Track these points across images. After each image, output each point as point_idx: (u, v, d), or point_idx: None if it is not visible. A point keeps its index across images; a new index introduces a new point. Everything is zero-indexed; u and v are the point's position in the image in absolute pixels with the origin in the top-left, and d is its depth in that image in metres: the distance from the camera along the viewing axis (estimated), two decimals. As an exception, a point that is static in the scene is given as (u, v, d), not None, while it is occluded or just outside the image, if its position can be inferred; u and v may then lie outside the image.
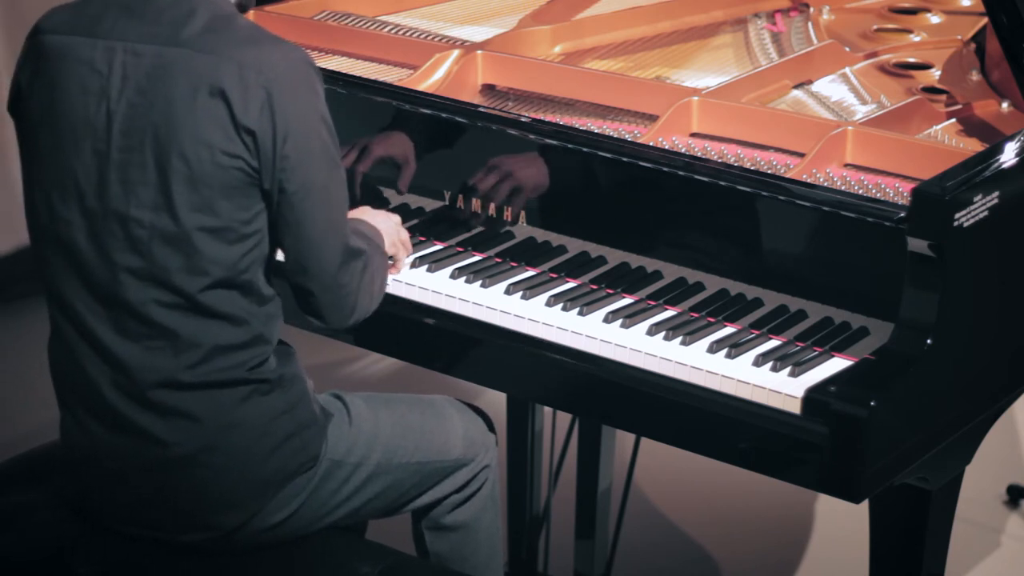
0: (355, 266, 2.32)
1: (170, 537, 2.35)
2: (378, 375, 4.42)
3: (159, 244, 2.22)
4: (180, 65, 2.19)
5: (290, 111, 2.20)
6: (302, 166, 2.22)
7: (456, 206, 2.67)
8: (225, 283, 2.24)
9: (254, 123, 2.18)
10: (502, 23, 3.10)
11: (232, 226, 2.22)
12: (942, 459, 2.38)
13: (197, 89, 2.18)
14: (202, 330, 2.25)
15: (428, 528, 2.58)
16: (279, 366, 2.33)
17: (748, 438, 2.27)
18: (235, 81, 2.18)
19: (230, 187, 2.20)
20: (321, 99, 2.26)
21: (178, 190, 2.19)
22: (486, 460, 2.58)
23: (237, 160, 2.19)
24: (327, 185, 2.26)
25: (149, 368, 2.26)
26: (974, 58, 2.94)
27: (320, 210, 2.26)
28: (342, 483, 2.41)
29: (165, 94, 2.19)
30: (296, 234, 2.26)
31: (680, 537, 3.72)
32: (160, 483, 2.31)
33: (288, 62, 2.21)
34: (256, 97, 2.18)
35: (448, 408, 2.58)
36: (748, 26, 3.11)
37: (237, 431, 2.29)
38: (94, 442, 2.33)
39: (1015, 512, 3.81)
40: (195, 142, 2.18)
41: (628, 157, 2.50)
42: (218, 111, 2.18)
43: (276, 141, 2.20)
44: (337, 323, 2.35)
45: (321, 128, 2.25)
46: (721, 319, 2.42)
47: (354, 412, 2.46)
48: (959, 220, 2.24)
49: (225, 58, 2.19)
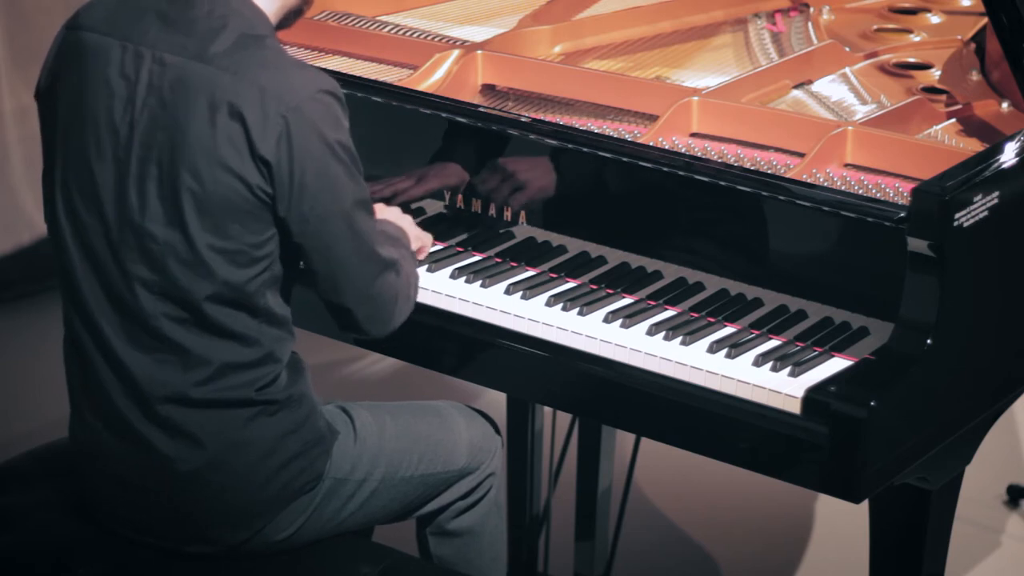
0: (388, 276, 2.30)
1: (173, 546, 2.35)
2: (378, 375, 4.42)
3: (171, 259, 2.21)
4: (202, 81, 2.18)
5: (309, 143, 2.18)
6: (323, 194, 2.20)
7: (456, 206, 2.67)
8: (235, 303, 2.23)
9: (270, 153, 2.17)
10: (502, 23, 3.10)
11: (243, 249, 2.21)
12: (942, 459, 2.38)
13: (216, 108, 2.16)
14: (212, 347, 2.24)
15: (432, 533, 2.58)
16: (288, 385, 2.31)
17: (748, 438, 2.27)
18: (255, 106, 2.16)
19: (241, 211, 2.19)
20: (343, 129, 2.23)
21: (189, 207, 2.18)
22: (491, 467, 2.57)
23: (249, 185, 2.18)
24: (350, 211, 2.24)
25: (158, 382, 2.26)
26: (974, 58, 2.94)
27: (345, 234, 2.24)
28: (346, 500, 2.40)
29: (184, 109, 2.18)
30: (325, 257, 2.24)
31: (680, 537, 3.72)
32: (164, 495, 2.30)
33: (310, 91, 2.19)
34: (274, 126, 2.16)
35: (454, 415, 2.57)
36: (748, 26, 3.11)
37: (243, 451, 2.28)
38: (101, 445, 2.33)
39: (1015, 512, 3.81)
40: (209, 161, 2.17)
41: (628, 157, 2.50)
42: (234, 134, 2.16)
43: (294, 172, 2.18)
44: (379, 333, 2.33)
45: (342, 156, 2.22)
46: (721, 319, 2.42)
47: (359, 427, 2.44)
48: (959, 220, 2.24)
49: (247, 81, 2.17)
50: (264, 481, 2.30)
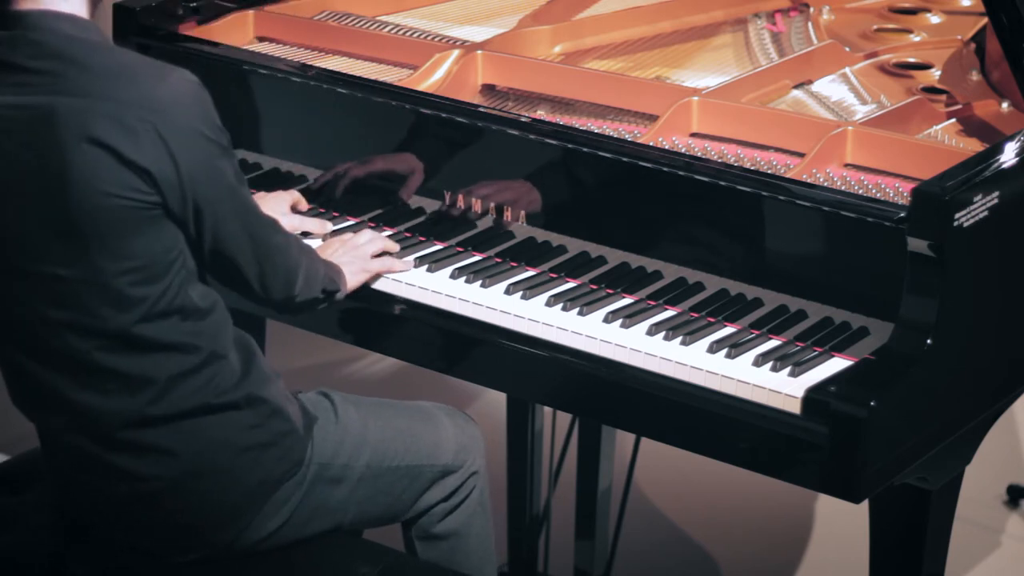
0: (277, 239, 2.31)
1: (165, 556, 2.35)
2: (378, 375, 4.42)
3: (86, 295, 2.19)
4: (58, 113, 2.13)
5: (183, 139, 2.15)
6: (208, 182, 2.19)
7: (456, 206, 2.67)
8: (161, 314, 2.22)
9: (148, 162, 2.14)
10: (502, 23, 3.10)
11: (154, 261, 2.19)
12: (942, 459, 2.38)
13: (81, 135, 2.12)
14: (152, 364, 2.23)
15: (419, 538, 2.57)
16: (243, 377, 2.30)
17: (748, 438, 2.27)
18: (119, 121, 2.12)
19: (139, 225, 2.16)
20: (209, 111, 2.19)
21: (89, 237, 2.15)
22: (474, 467, 2.57)
23: (137, 199, 2.15)
24: (234, 186, 2.24)
25: (112, 412, 2.24)
26: (974, 58, 2.94)
27: (235, 208, 2.24)
28: (332, 485, 2.40)
29: (50, 145, 2.13)
30: (219, 236, 2.24)
31: (680, 537, 3.72)
32: (145, 511, 2.30)
33: (167, 89, 2.16)
34: (145, 135, 2.13)
35: (437, 413, 2.58)
36: (748, 26, 3.11)
37: (216, 453, 2.28)
38: (73, 479, 2.33)
39: (1015, 512, 3.81)
40: (90, 189, 2.13)
41: (628, 157, 2.50)
42: (106, 154, 2.13)
43: (180, 171, 2.16)
44: (278, 295, 2.33)
45: (214, 138, 2.20)
46: (721, 319, 2.42)
47: (341, 411, 2.45)
48: (959, 220, 2.24)
49: (102, 98, 2.13)
50: (242, 476, 2.30)
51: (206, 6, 3.04)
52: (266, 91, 2.85)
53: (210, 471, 2.28)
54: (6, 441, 3.74)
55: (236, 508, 2.31)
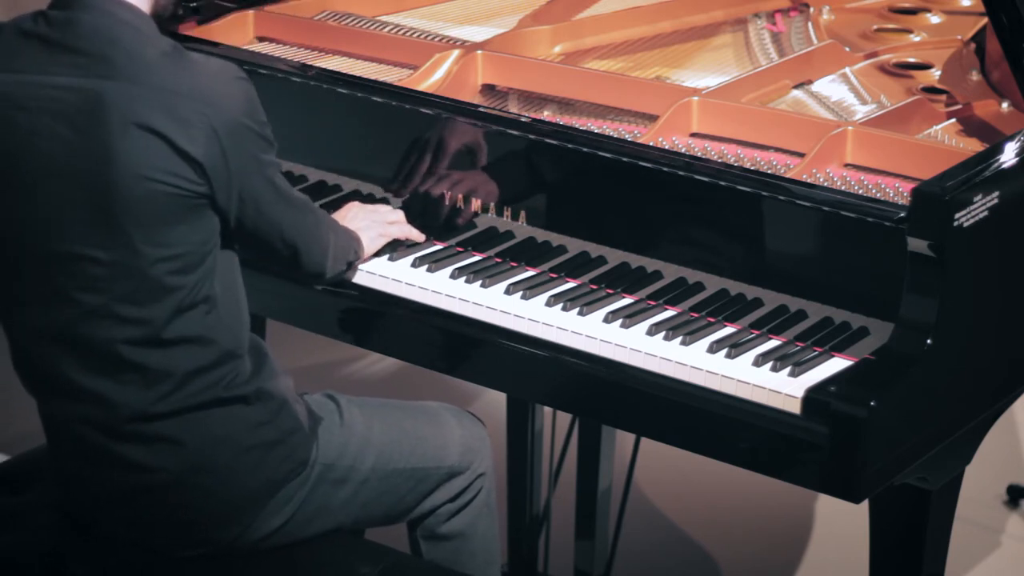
0: (311, 217, 2.40)
1: (167, 551, 2.35)
2: (378, 375, 4.42)
3: (122, 280, 2.19)
4: (111, 98, 2.15)
5: (236, 135, 2.20)
6: (253, 175, 2.24)
7: (456, 206, 2.67)
8: (188, 306, 2.23)
9: (200, 154, 2.16)
10: (502, 23, 3.10)
11: (191, 250, 2.21)
12: (942, 459, 2.38)
13: (133, 122, 2.14)
14: (172, 359, 2.24)
15: (424, 538, 2.57)
16: (253, 374, 2.31)
17: (748, 438, 2.27)
18: (173, 112, 2.14)
19: (183, 213, 2.18)
20: (257, 107, 2.25)
21: (129, 225, 2.16)
22: (481, 468, 2.57)
23: (185, 188, 2.17)
24: (271, 177, 2.29)
25: (124, 404, 2.25)
26: (974, 58, 2.94)
27: (274, 196, 2.30)
28: (336, 486, 2.40)
29: (99, 129, 2.15)
30: (265, 224, 2.31)
31: (680, 537, 3.72)
32: (149, 506, 2.30)
33: (223, 83, 2.20)
34: (199, 127, 2.16)
35: (444, 414, 2.57)
36: (748, 26, 3.11)
37: (221, 448, 2.28)
38: (77, 471, 2.33)
39: (1015, 512, 3.81)
40: (137, 176, 2.15)
41: (628, 157, 2.50)
42: (159, 143, 2.15)
43: (230, 165, 2.20)
44: (317, 270, 2.44)
45: (261, 133, 2.25)
46: (721, 319, 2.42)
47: (346, 413, 2.45)
48: (959, 220, 2.24)
49: (157, 88, 2.15)
50: (248, 474, 2.30)
51: (206, 6, 3.04)
52: (266, 91, 2.83)
53: (215, 467, 2.28)
54: (6, 441, 3.74)
55: (239, 506, 2.31)
